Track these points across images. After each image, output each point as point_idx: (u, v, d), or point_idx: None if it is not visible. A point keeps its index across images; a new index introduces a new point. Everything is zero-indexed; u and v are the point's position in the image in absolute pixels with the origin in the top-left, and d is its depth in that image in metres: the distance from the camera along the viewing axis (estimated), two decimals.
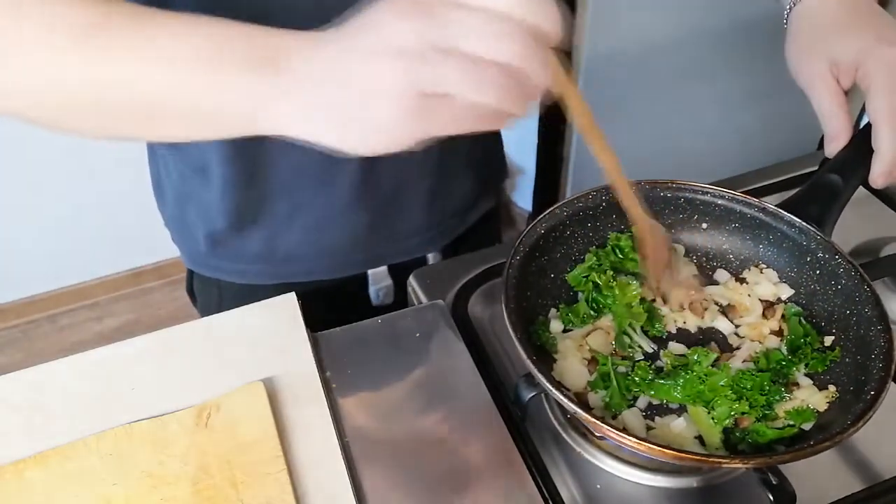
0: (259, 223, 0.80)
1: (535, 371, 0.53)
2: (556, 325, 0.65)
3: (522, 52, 0.40)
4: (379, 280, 0.89)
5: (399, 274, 0.89)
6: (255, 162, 0.73)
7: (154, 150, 0.84)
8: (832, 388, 0.59)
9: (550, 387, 0.52)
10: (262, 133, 0.46)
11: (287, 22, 0.45)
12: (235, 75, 0.43)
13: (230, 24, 0.45)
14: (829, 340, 0.62)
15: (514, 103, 0.41)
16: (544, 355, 0.63)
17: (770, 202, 0.68)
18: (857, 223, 0.80)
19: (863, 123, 0.68)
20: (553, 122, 1.83)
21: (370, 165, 0.75)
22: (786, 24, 0.72)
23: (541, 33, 0.41)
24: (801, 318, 0.65)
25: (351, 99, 0.42)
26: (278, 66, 0.43)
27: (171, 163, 0.81)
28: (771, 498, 0.56)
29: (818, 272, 0.65)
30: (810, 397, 0.58)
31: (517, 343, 0.55)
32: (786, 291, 0.67)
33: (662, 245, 0.66)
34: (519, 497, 0.59)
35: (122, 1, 0.47)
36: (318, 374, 0.66)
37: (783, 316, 0.66)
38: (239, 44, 0.44)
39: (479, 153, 0.88)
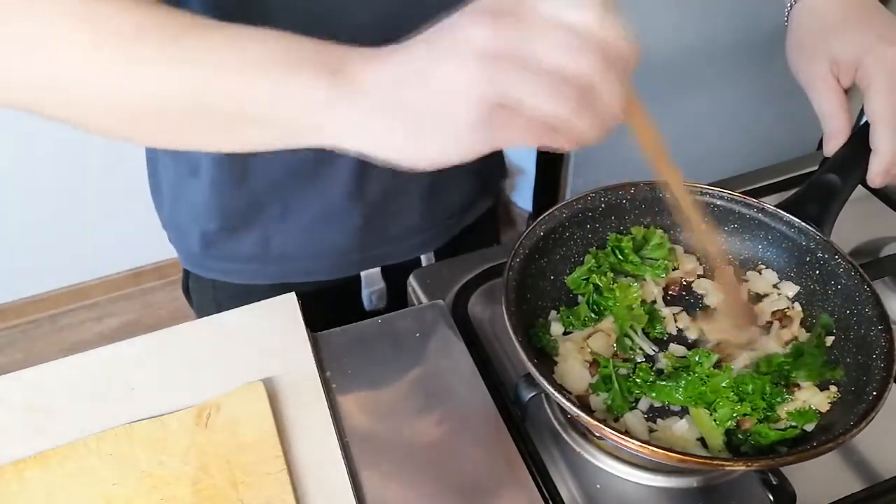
0: (252, 223, 0.80)
1: (536, 374, 0.53)
2: (556, 328, 0.65)
3: (600, 69, 0.39)
4: (372, 283, 0.89)
5: (393, 276, 0.88)
6: (245, 162, 0.73)
7: (151, 150, 0.84)
8: (833, 388, 0.59)
9: (552, 390, 0.52)
10: (326, 144, 0.44)
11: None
12: (304, 80, 0.42)
13: (293, 36, 0.44)
14: (829, 341, 0.62)
15: (587, 120, 0.40)
16: (545, 358, 0.63)
17: (769, 202, 0.68)
18: (857, 223, 0.80)
19: (862, 122, 0.68)
20: None
21: (364, 165, 0.75)
22: (786, 22, 0.72)
23: (619, 55, 0.40)
24: (822, 332, 0.63)
25: (420, 105, 0.41)
26: (345, 72, 0.42)
27: (166, 163, 0.80)
28: (771, 498, 0.56)
29: (818, 272, 0.65)
30: (812, 398, 0.58)
31: (518, 346, 0.54)
32: (790, 289, 0.67)
33: (737, 288, 0.64)
34: (519, 497, 0.59)
35: (172, 9, 0.45)
36: (318, 374, 0.66)
37: (802, 324, 0.65)
38: (306, 51, 0.43)
39: None
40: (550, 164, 1.94)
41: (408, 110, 0.41)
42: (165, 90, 0.44)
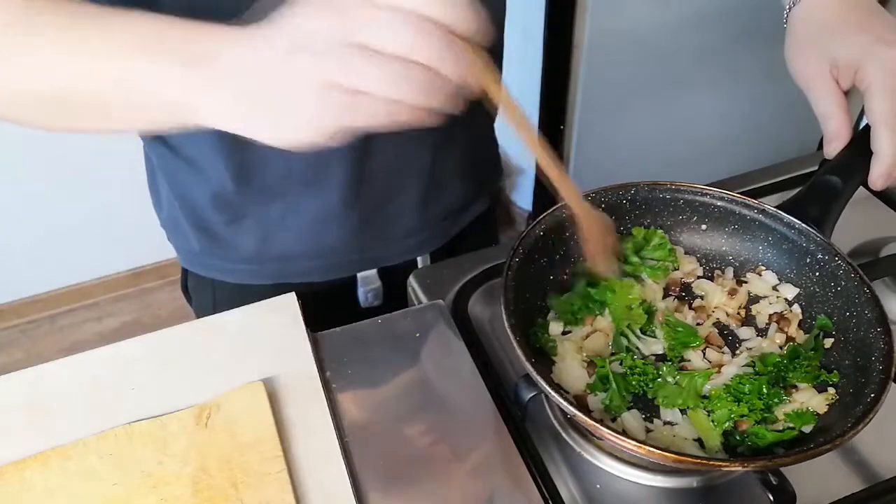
0: (251, 224, 0.80)
1: (534, 374, 0.53)
2: (555, 328, 0.65)
3: (430, 46, 0.41)
4: (368, 282, 0.89)
5: (389, 276, 0.89)
6: (246, 162, 0.73)
7: (148, 150, 0.84)
8: (832, 390, 0.59)
9: (550, 390, 0.52)
10: (194, 124, 0.47)
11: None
12: (169, 66, 0.45)
13: (166, 19, 0.47)
14: (828, 342, 0.62)
15: (428, 97, 0.42)
16: (543, 357, 0.63)
17: (770, 203, 0.68)
18: (857, 223, 0.80)
19: (862, 125, 0.68)
20: (553, 122, 1.83)
21: (362, 167, 0.75)
22: (785, 24, 0.72)
23: (454, 29, 0.42)
24: (820, 334, 0.63)
25: (273, 94, 0.44)
26: (209, 59, 0.45)
27: (164, 163, 0.81)
28: (771, 498, 0.56)
29: (818, 274, 0.65)
30: (810, 400, 0.58)
31: (517, 346, 0.55)
32: (790, 291, 0.67)
33: (604, 231, 0.64)
34: (519, 497, 0.59)
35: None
36: (318, 374, 0.66)
37: (800, 325, 0.65)
38: (174, 35, 0.46)
39: (473, 155, 0.88)
40: None
41: (262, 96, 0.44)
42: (45, 79, 0.48)
